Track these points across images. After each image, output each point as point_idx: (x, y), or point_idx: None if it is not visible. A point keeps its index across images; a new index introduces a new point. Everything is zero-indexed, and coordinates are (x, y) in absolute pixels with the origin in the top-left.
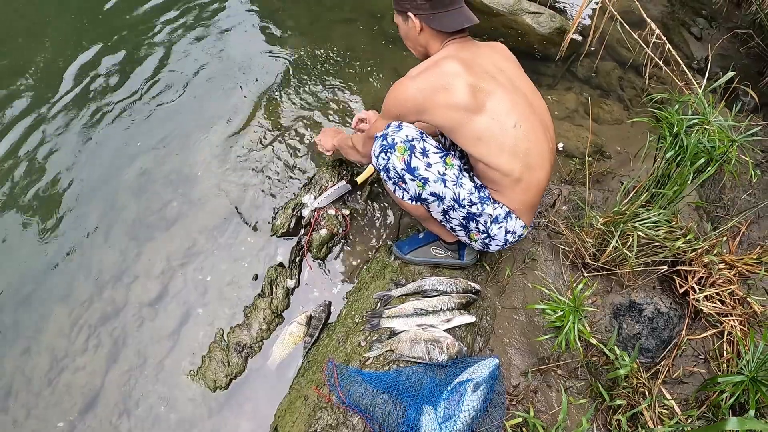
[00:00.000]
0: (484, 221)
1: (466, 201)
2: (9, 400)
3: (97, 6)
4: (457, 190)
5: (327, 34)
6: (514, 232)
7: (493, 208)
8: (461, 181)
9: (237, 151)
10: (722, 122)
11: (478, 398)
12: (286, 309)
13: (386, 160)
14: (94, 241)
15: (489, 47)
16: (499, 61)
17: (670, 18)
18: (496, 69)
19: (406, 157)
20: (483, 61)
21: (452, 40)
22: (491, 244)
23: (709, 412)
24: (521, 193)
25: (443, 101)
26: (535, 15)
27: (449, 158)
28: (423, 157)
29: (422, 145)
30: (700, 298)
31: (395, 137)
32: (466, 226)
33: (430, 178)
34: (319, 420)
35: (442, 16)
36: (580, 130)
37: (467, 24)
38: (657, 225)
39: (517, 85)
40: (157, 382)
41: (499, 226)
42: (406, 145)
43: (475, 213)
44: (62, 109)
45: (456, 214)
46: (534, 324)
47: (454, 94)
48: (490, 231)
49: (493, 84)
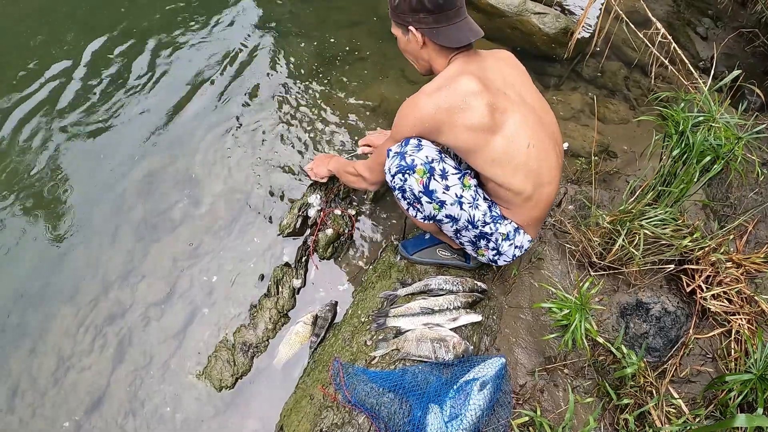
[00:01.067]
0: (495, 239)
1: (480, 222)
2: (15, 400)
3: (104, 6)
4: (472, 212)
5: (333, 37)
6: (521, 247)
7: (505, 226)
8: (477, 203)
9: (243, 152)
10: (728, 120)
11: (485, 397)
12: (292, 309)
13: (403, 182)
14: (100, 242)
15: (495, 58)
16: (508, 74)
17: (676, 18)
18: (506, 84)
19: (425, 179)
20: (493, 75)
21: (458, 54)
22: (499, 259)
23: (717, 411)
24: (530, 209)
25: (462, 122)
26: (540, 15)
27: (467, 179)
28: (442, 179)
29: (441, 167)
30: (708, 296)
31: (415, 158)
32: (475, 243)
33: (447, 201)
34: (325, 419)
35: (446, 30)
36: (585, 129)
37: (473, 38)
38: (663, 223)
39: (526, 100)
40: (163, 381)
41: (509, 243)
42: (426, 168)
43: (488, 232)
44: (69, 110)
45: (468, 233)
46: (540, 323)
47: (474, 115)
48: (501, 248)
49: (506, 102)
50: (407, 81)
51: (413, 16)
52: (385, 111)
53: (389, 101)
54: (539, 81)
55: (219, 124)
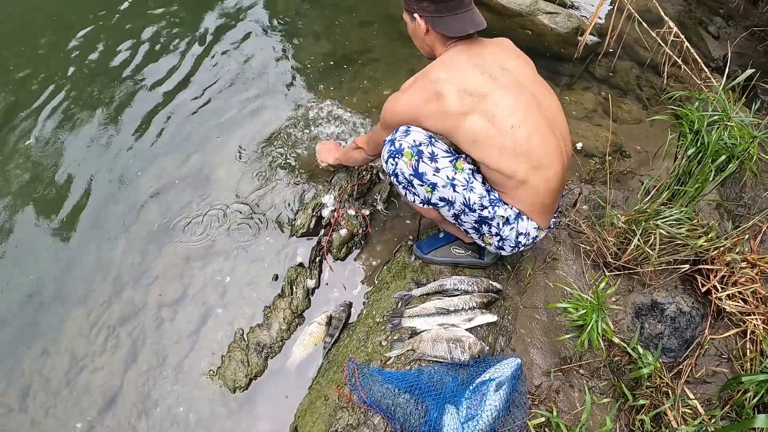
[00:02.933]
0: (496, 224)
1: (477, 205)
2: (28, 400)
3: (115, 5)
4: (467, 195)
5: (344, 37)
6: (527, 234)
7: (504, 210)
8: (471, 185)
9: (256, 153)
10: (743, 118)
11: (501, 398)
12: (307, 309)
13: (395, 165)
14: (113, 243)
15: (494, 44)
16: (504, 59)
17: (688, 17)
18: (499, 68)
19: (414, 162)
20: (486, 60)
21: (456, 42)
22: (504, 246)
23: (733, 411)
24: (529, 194)
25: (434, 109)
26: (552, 15)
27: (459, 162)
28: (431, 162)
29: (430, 150)
30: (723, 297)
31: (402, 142)
32: (478, 229)
33: (438, 183)
34: (340, 420)
35: (448, 19)
36: (598, 129)
37: (472, 30)
38: (678, 223)
39: (522, 84)
40: (176, 382)
41: (510, 227)
42: (413, 150)
43: (487, 216)
44: (81, 112)
45: (467, 218)
46: (556, 323)
47: (443, 101)
48: (502, 233)
49: (490, 85)
50: None
51: (418, 4)
52: None
53: None
54: (551, 80)
55: (230, 123)
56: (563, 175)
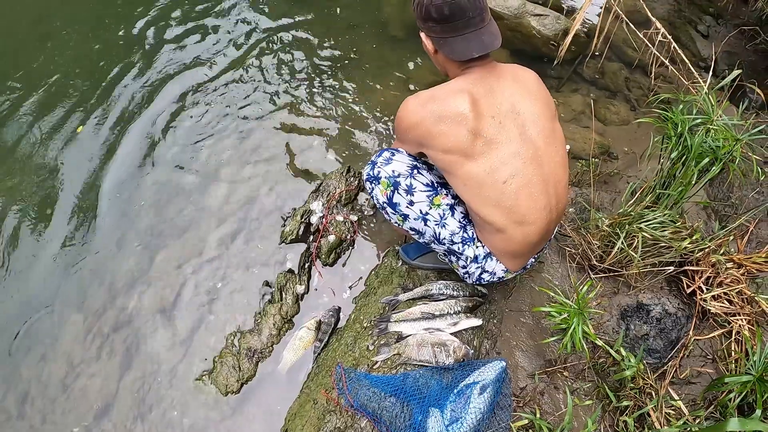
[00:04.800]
0: (464, 258)
1: (447, 240)
2: (25, 406)
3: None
4: (438, 230)
5: (334, 41)
6: (493, 273)
7: (474, 249)
8: (445, 222)
9: (246, 159)
10: (726, 121)
11: (485, 401)
12: (296, 314)
13: (371, 189)
14: (107, 250)
15: (513, 79)
16: (518, 99)
17: (677, 16)
18: (510, 111)
19: (389, 192)
20: (498, 98)
21: (472, 65)
22: (468, 279)
23: (717, 412)
24: (503, 242)
25: (440, 142)
26: (540, 17)
27: (438, 198)
28: (406, 194)
29: (408, 182)
30: (708, 297)
31: (381, 170)
32: (447, 256)
33: (410, 216)
34: (328, 423)
35: (453, 41)
36: (586, 131)
37: (477, 53)
38: (663, 226)
39: (527, 133)
40: (170, 387)
41: (477, 266)
42: (390, 181)
43: (456, 251)
44: (75, 118)
45: (437, 246)
46: (541, 326)
47: (453, 138)
48: (468, 268)
49: (496, 130)
50: (408, 85)
51: (425, 23)
52: (385, 115)
53: (390, 105)
54: None
55: (222, 131)
56: (547, 230)
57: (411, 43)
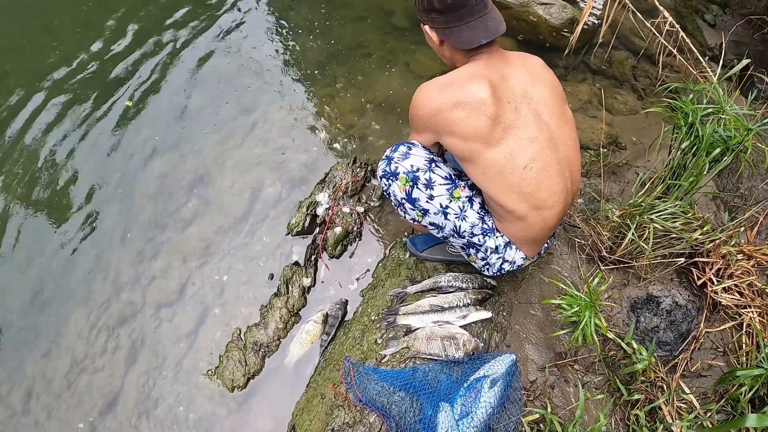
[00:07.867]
0: (484, 250)
1: (467, 233)
2: (30, 402)
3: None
4: (458, 223)
5: (339, 32)
6: (512, 262)
7: (495, 240)
8: (465, 214)
9: (251, 151)
10: (738, 111)
11: (495, 394)
12: (303, 308)
13: (388, 186)
14: (111, 244)
15: (521, 65)
16: (529, 84)
17: (683, 5)
18: (523, 96)
19: (408, 187)
20: (511, 84)
21: (479, 53)
22: (488, 270)
23: (728, 405)
24: (523, 229)
25: (460, 129)
26: (546, 6)
27: (457, 190)
28: (426, 189)
29: (427, 176)
30: (718, 289)
31: (399, 166)
32: (465, 250)
33: (430, 210)
34: (336, 418)
35: (458, 30)
36: (594, 121)
37: (485, 40)
38: (673, 216)
39: (541, 117)
40: (175, 382)
41: (498, 256)
42: (408, 176)
43: (476, 243)
44: (77, 113)
45: (456, 240)
46: (551, 319)
47: (474, 124)
48: (489, 260)
49: (514, 116)
50: (413, 75)
51: (427, 15)
52: (391, 106)
53: (396, 96)
54: None
55: (226, 123)
56: (563, 213)
57: (416, 33)
